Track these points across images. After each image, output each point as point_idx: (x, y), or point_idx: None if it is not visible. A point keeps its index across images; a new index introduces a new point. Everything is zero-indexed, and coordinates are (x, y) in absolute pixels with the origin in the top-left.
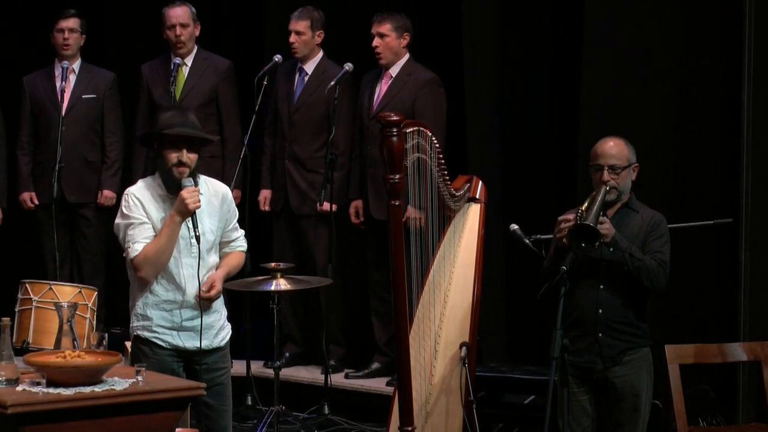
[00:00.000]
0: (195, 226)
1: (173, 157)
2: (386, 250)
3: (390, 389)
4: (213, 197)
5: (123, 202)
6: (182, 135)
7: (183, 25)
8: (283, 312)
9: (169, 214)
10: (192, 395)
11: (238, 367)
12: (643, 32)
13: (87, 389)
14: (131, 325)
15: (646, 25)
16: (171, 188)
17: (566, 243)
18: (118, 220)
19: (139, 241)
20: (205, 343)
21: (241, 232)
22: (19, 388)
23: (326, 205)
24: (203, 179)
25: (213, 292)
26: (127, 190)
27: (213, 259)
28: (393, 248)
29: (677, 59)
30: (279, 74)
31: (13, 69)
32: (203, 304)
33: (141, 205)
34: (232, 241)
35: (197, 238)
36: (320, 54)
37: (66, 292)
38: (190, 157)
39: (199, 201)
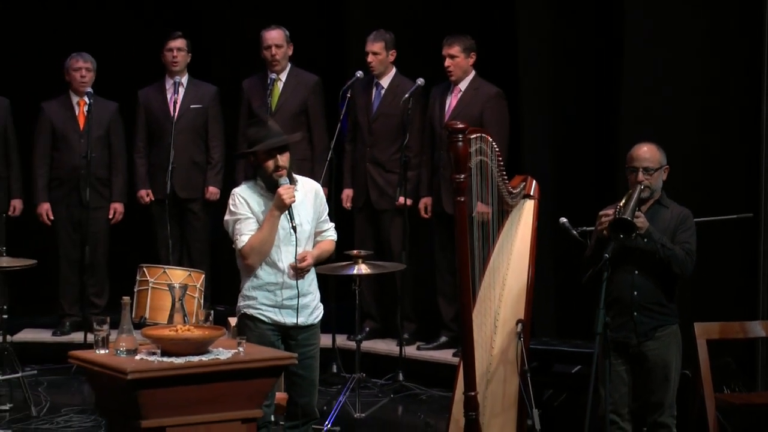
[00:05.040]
0: (291, 218)
1: (270, 164)
2: (453, 239)
3: (455, 360)
4: (308, 193)
5: (230, 201)
6: (270, 147)
7: (278, 46)
8: (363, 293)
9: (270, 209)
10: (284, 364)
11: (325, 340)
12: (672, 50)
13: (195, 358)
14: (238, 304)
15: (675, 44)
16: (271, 188)
17: (606, 234)
18: (227, 217)
19: (245, 233)
20: (301, 320)
21: (332, 224)
22: (138, 357)
23: (402, 200)
24: (298, 178)
25: (304, 264)
26: (234, 190)
27: (310, 247)
28: (458, 238)
29: (702, 71)
30: (357, 89)
31: (129, 84)
32: (297, 273)
33: (246, 202)
34: (324, 231)
35: (294, 229)
36: (393, 70)
37: (177, 275)
38: (284, 159)
39: (294, 196)
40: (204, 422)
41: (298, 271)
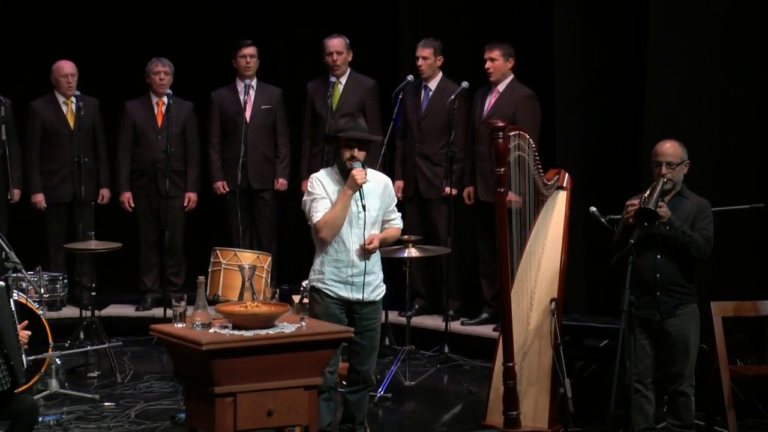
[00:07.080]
0: (362, 198)
1: (347, 153)
2: (492, 226)
3: (495, 334)
4: (377, 185)
5: (308, 184)
6: (352, 138)
7: (339, 53)
8: (413, 274)
9: (343, 189)
10: (343, 337)
11: None
12: (691, 56)
13: (263, 332)
14: (309, 278)
15: (694, 50)
16: (344, 175)
17: (632, 222)
18: (305, 198)
19: (320, 210)
20: (364, 296)
21: (398, 214)
22: (211, 330)
23: (447, 191)
24: (370, 171)
25: (371, 246)
26: (312, 175)
27: (375, 231)
28: (498, 225)
29: (718, 75)
30: (408, 91)
31: (201, 85)
32: (364, 254)
33: (322, 185)
34: (391, 220)
35: (363, 207)
36: (440, 74)
37: (247, 257)
38: (360, 154)
39: (366, 178)
40: (270, 389)
41: (366, 252)
